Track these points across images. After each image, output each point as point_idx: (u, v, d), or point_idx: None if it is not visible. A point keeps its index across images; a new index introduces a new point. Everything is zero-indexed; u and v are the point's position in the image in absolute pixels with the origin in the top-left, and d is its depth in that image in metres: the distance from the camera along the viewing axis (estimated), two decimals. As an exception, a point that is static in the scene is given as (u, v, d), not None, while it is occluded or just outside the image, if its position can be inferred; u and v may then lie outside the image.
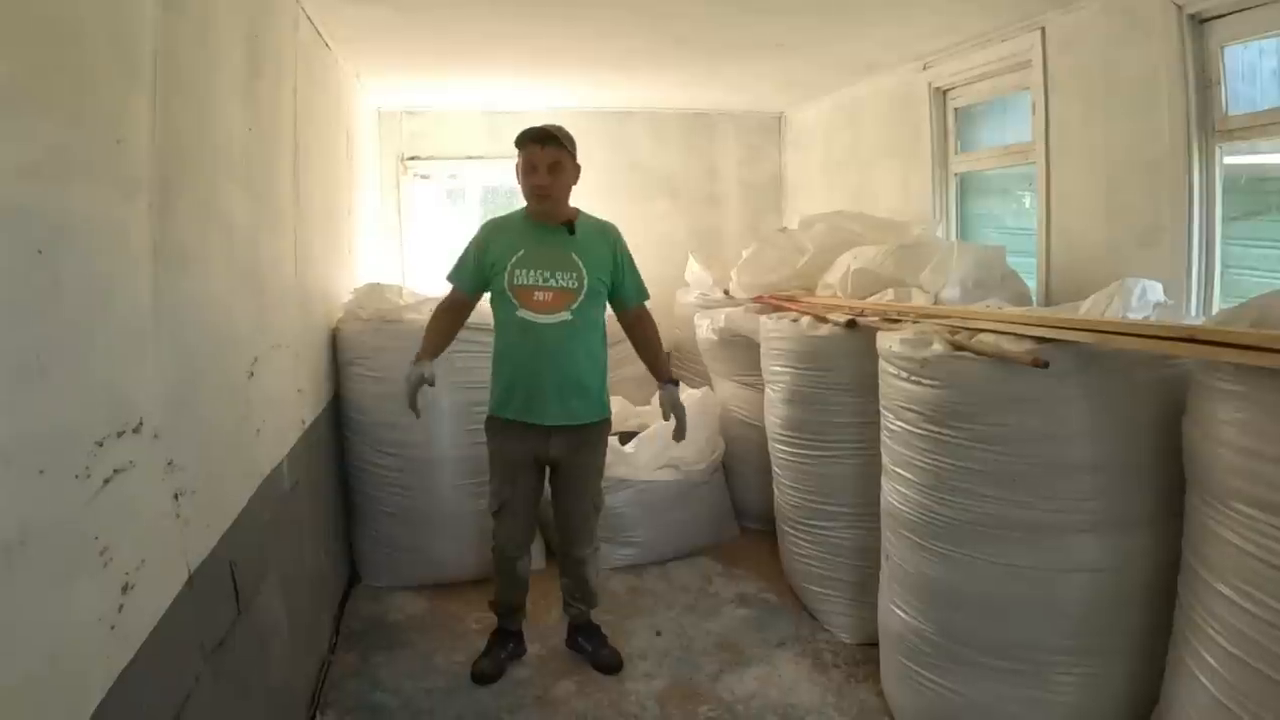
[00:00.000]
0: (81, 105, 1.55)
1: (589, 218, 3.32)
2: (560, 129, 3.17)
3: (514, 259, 3.18)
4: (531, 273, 3.17)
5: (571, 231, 3.21)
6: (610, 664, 3.45)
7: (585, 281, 3.19)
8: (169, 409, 1.90)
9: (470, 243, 3.34)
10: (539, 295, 3.17)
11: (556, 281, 3.17)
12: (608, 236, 3.32)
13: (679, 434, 3.42)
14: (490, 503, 3.39)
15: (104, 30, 1.64)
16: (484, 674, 3.37)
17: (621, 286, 3.32)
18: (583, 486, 3.39)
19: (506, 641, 3.50)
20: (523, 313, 3.17)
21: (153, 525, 1.81)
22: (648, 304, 3.47)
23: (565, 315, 3.17)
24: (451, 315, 3.35)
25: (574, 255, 3.20)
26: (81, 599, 1.47)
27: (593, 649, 3.50)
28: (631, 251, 3.37)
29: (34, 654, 1.32)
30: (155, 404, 1.82)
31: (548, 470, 3.39)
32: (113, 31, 1.68)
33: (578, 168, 3.24)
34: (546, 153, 3.12)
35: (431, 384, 3.19)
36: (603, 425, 3.38)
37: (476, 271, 3.27)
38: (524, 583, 3.50)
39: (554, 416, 3.22)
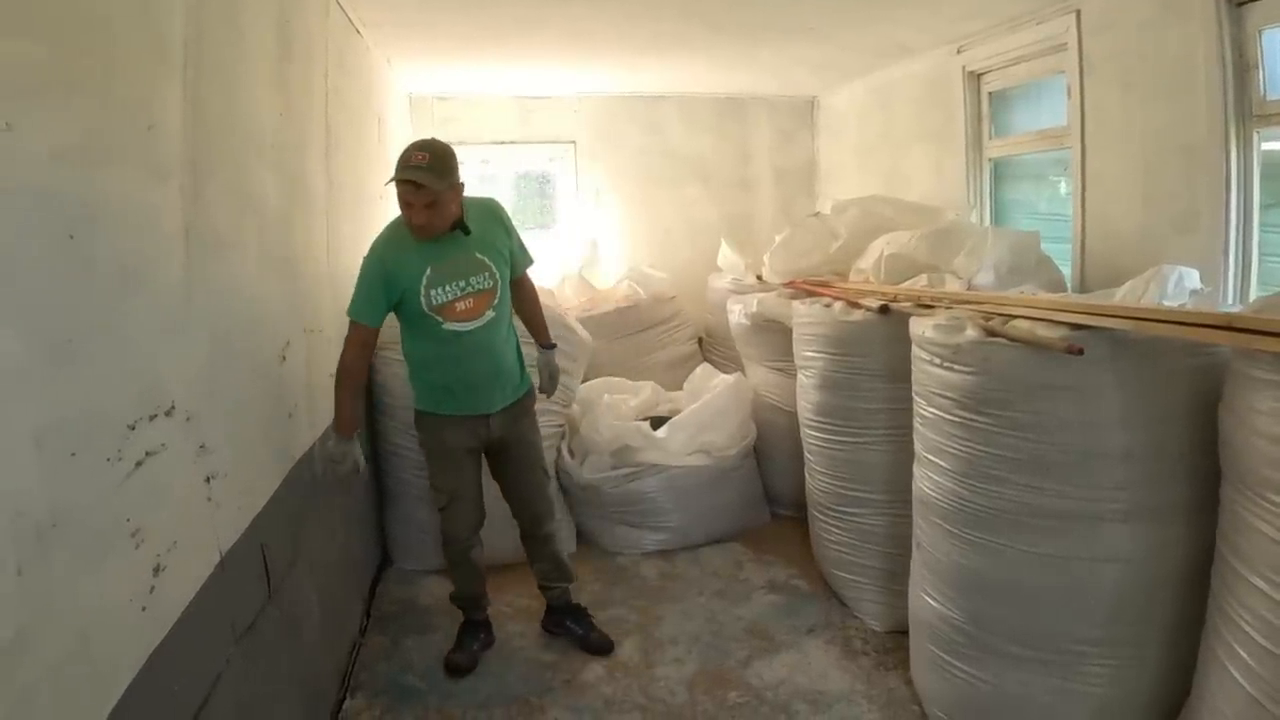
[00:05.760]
0: (112, 91, 1.56)
1: (472, 203, 3.15)
2: (433, 162, 2.89)
3: (424, 279, 3.04)
4: (447, 287, 3.06)
5: (467, 231, 3.08)
6: (603, 646, 3.46)
7: (498, 275, 3.15)
8: (201, 392, 1.93)
9: (368, 274, 3.06)
10: (461, 305, 3.08)
11: (473, 286, 3.09)
12: (494, 215, 3.24)
13: (548, 390, 3.61)
14: (437, 499, 3.36)
15: (134, 17, 1.66)
16: (459, 666, 3.37)
17: (513, 256, 3.27)
18: (530, 456, 3.42)
19: (477, 631, 3.51)
20: (449, 325, 3.09)
21: (184, 508, 1.84)
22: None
23: (489, 314, 3.14)
24: (365, 359, 3.15)
25: (478, 254, 3.11)
26: (113, 580, 1.50)
27: (583, 632, 3.52)
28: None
29: (67, 632, 1.35)
30: (187, 387, 1.85)
31: (487, 459, 3.41)
32: (143, 18, 1.70)
33: (459, 186, 3.02)
34: (420, 195, 2.89)
35: (360, 469, 3.12)
36: (531, 393, 3.43)
37: (388, 303, 3.07)
38: (481, 570, 3.50)
39: (495, 403, 3.25)
